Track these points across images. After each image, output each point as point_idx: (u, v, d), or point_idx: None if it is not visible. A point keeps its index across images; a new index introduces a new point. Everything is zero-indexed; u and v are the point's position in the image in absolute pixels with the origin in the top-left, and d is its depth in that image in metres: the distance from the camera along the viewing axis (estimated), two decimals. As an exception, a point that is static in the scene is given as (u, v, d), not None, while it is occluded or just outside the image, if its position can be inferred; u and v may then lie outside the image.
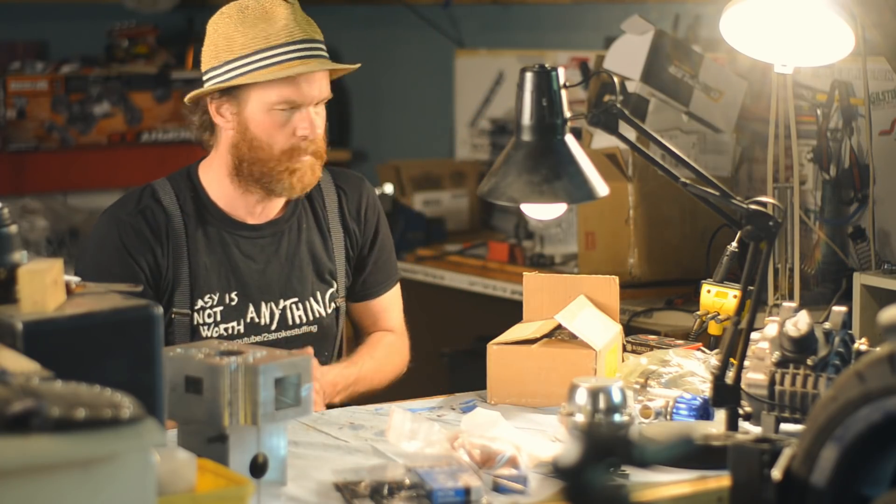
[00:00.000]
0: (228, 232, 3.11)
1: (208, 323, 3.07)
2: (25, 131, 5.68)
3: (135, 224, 3.05)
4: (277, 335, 3.11)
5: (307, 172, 3.04)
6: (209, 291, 3.07)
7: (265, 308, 3.11)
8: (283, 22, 2.99)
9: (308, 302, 3.15)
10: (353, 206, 3.24)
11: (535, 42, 5.99)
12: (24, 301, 2.11)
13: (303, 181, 3.05)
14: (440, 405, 2.97)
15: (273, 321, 3.12)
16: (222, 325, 3.08)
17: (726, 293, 2.91)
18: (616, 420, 2.53)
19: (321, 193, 3.21)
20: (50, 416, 1.69)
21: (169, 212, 3.07)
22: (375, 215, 3.28)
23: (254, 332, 3.10)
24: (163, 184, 3.12)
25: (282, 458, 2.38)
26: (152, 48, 6.15)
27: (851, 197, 4.19)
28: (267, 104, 3.00)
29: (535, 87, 2.53)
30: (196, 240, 3.08)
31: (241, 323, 3.09)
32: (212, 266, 3.08)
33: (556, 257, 4.90)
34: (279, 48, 2.98)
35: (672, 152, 2.59)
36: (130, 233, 3.04)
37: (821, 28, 2.95)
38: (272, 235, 3.14)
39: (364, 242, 3.25)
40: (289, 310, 3.14)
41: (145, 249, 3.03)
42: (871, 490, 1.99)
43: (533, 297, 3.14)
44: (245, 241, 3.12)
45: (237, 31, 3.00)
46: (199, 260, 3.08)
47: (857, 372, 1.96)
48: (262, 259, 3.12)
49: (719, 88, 4.36)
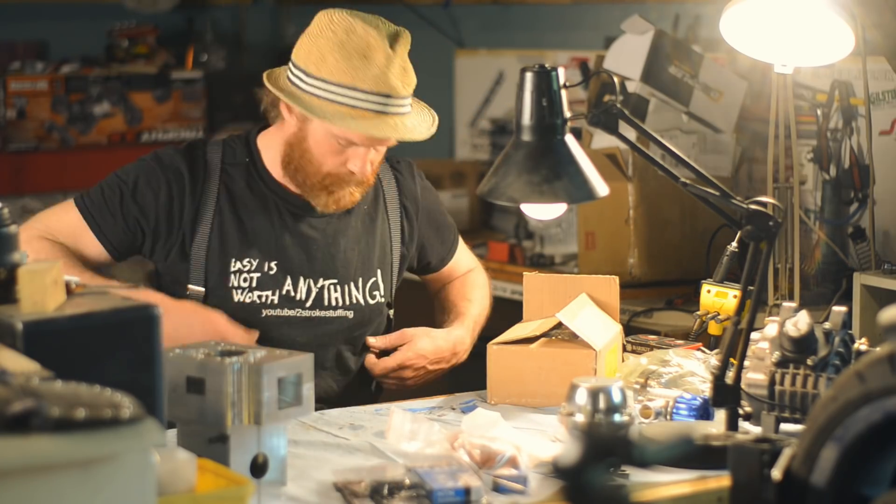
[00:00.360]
0: (278, 203, 3.12)
1: (243, 287, 3.06)
2: (25, 131, 5.68)
3: (172, 160, 3.10)
4: (312, 313, 3.10)
5: (345, 196, 3.07)
6: (248, 256, 3.08)
7: (303, 283, 3.10)
8: (376, 70, 2.93)
9: (347, 286, 3.14)
10: (408, 187, 3.26)
11: (535, 42, 5.99)
12: (24, 301, 2.11)
13: (339, 203, 3.07)
14: (440, 405, 2.97)
15: (309, 298, 3.11)
16: (256, 292, 3.07)
17: (726, 293, 2.91)
18: (616, 420, 2.53)
19: (380, 179, 3.22)
20: (50, 416, 1.69)
21: (210, 166, 3.10)
22: (430, 194, 3.33)
23: (287, 306, 3.09)
24: (216, 142, 3.17)
25: (282, 458, 2.39)
26: (152, 48, 6.14)
27: (851, 197, 4.19)
28: (329, 132, 2.99)
29: (535, 87, 2.53)
30: (242, 202, 3.10)
31: (277, 294, 3.08)
32: (257, 231, 3.09)
33: (556, 257, 4.90)
34: (361, 93, 2.93)
35: (672, 152, 2.59)
36: (163, 163, 3.09)
37: (821, 28, 2.95)
38: (322, 215, 3.13)
39: (422, 221, 3.28)
40: (326, 290, 3.12)
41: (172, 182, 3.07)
42: (871, 490, 1.99)
43: (533, 297, 3.14)
44: (293, 215, 3.12)
45: (332, 55, 2.94)
46: (242, 222, 3.09)
47: (857, 372, 1.96)
48: (308, 235, 3.12)
49: (719, 88, 4.36)
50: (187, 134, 5.99)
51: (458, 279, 3.40)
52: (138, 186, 3.08)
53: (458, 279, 3.40)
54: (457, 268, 3.41)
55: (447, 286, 3.39)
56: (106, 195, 3.09)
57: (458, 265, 3.41)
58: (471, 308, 3.29)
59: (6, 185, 5.52)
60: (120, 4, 6.09)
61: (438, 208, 3.36)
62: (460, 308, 3.29)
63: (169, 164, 3.10)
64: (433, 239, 3.32)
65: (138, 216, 3.08)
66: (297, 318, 3.08)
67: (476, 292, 3.35)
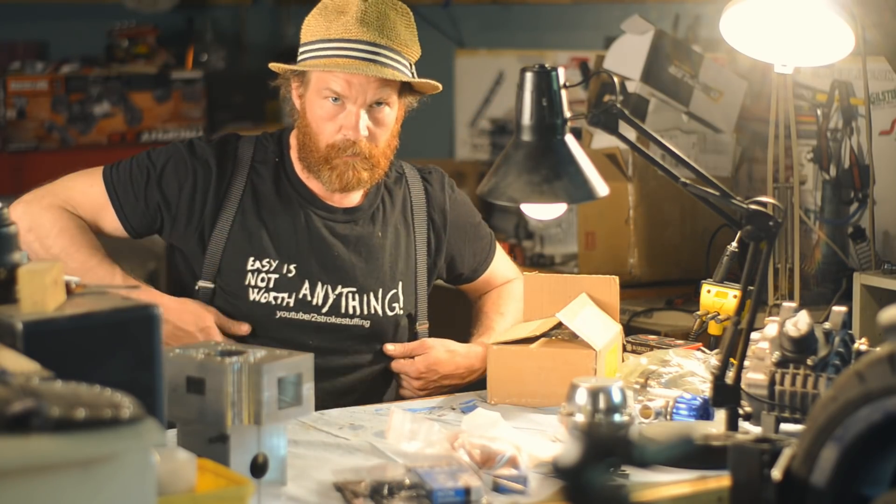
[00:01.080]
0: (304, 205, 3.13)
1: (259, 287, 3.07)
2: (25, 131, 5.68)
3: (203, 151, 3.12)
4: (327, 319, 3.09)
5: (347, 171, 3.05)
6: (267, 256, 3.08)
7: (320, 289, 3.10)
8: (347, 18, 3.00)
9: (367, 295, 3.13)
10: (437, 198, 3.25)
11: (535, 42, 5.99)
12: (24, 301, 2.11)
13: (342, 178, 3.05)
14: (440, 405, 2.97)
15: (326, 304, 3.10)
16: (272, 293, 3.07)
17: (726, 293, 2.91)
18: (616, 420, 2.53)
19: (409, 189, 3.23)
20: (50, 416, 1.69)
21: (240, 162, 3.12)
22: (461, 206, 3.30)
23: (303, 310, 3.08)
24: (248, 138, 3.18)
25: (282, 458, 2.39)
26: (152, 48, 6.15)
27: (851, 197, 4.19)
28: (318, 91, 3.03)
29: (535, 87, 2.53)
30: (268, 201, 3.11)
31: (293, 297, 3.08)
32: (279, 232, 3.09)
33: (556, 257, 4.90)
34: (334, 42, 3.00)
35: (672, 152, 2.59)
36: (195, 153, 3.11)
37: (821, 28, 2.95)
38: (346, 222, 3.14)
39: (452, 233, 3.26)
40: (344, 297, 3.12)
41: (199, 174, 3.09)
42: (871, 490, 1.99)
43: (533, 296, 3.14)
44: (318, 218, 3.12)
45: (314, 18, 3.06)
46: (265, 221, 3.09)
47: (857, 372, 1.96)
48: (331, 241, 3.11)
49: (719, 88, 4.36)
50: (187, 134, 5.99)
51: (496, 290, 3.36)
52: (165, 173, 3.10)
53: (495, 290, 3.36)
54: (493, 278, 3.37)
55: (483, 297, 3.37)
56: (133, 175, 3.11)
57: (495, 275, 3.37)
58: (500, 322, 3.26)
59: (6, 185, 5.52)
60: (120, 4, 6.09)
61: (471, 220, 3.32)
62: (490, 322, 3.27)
63: (200, 155, 3.11)
64: (464, 250, 3.30)
65: (160, 202, 3.09)
66: (312, 323, 3.08)
67: (510, 305, 3.31)
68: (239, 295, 3.06)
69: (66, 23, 6.17)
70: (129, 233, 3.13)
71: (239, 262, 3.07)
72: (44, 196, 3.10)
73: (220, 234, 3.08)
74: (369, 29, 2.99)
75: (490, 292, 3.36)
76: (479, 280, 3.36)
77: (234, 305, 3.05)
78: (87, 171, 3.15)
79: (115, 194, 3.10)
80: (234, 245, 3.07)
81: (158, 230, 3.14)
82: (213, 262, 3.07)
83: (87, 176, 3.14)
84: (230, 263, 3.07)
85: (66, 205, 3.09)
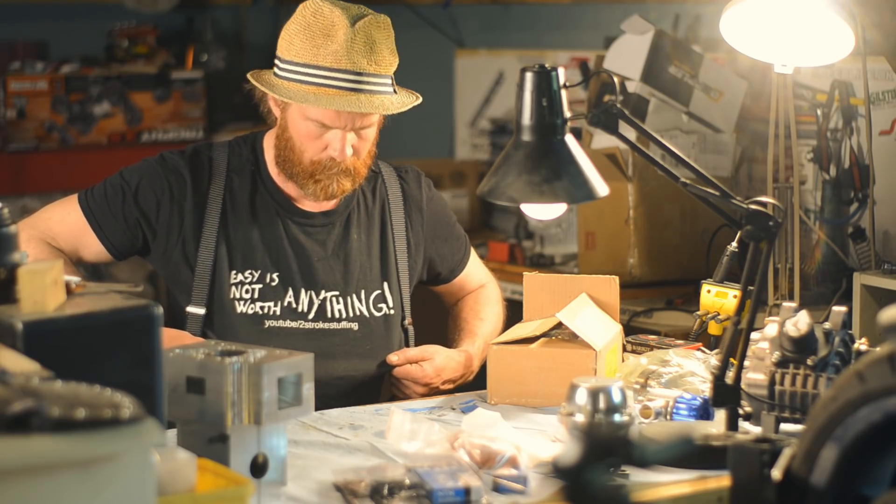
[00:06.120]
0: (281, 212, 3.12)
1: (245, 299, 3.06)
2: (25, 131, 5.68)
3: (176, 163, 3.10)
4: (315, 325, 3.10)
5: (332, 184, 3.05)
6: (251, 267, 3.07)
7: (304, 295, 3.10)
8: (336, 46, 2.95)
9: (350, 298, 3.13)
10: (413, 197, 3.25)
11: (535, 42, 5.99)
12: (24, 301, 2.11)
13: (327, 191, 3.05)
14: (440, 405, 2.97)
15: (311, 310, 3.10)
16: (258, 303, 3.07)
17: (726, 293, 2.91)
18: (616, 420, 2.53)
19: (385, 188, 3.22)
20: (50, 416, 1.69)
21: (215, 170, 3.11)
22: (438, 204, 3.31)
23: (290, 317, 3.08)
24: (221, 144, 3.16)
25: (282, 458, 2.38)
26: (152, 48, 6.15)
27: (851, 197, 4.19)
28: (303, 115, 3.01)
29: (535, 87, 2.53)
30: (245, 210, 3.10)
31: (279, 305, 3.08)
32: (258, 242, 3.09)
33: (556, 257, 4.90)
34: (322, 70, 2.96)
35: (672, 152, 2.59)
36: (167, 166, 3.09)
37: (821, 28, 2.95)
38: (323, 226, 3.14)
39: (428, 232, 3.26)
40: (328, 302, 3.12)
41: (174, 186, 3.07)
42: (871, 490, 1.99)
43: (533, 297, 3.14)
44: (296, 225, 3.12)
45: (298, 36, 2.99)
46: (244, 231, 3.08)
47: (857, 372, 1.96)
48: (309, 246, 3.12)
49: (719, 88, 4.36)
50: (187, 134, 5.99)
51: (472, 295, 3.37)
52: (140, 188, 3.08)
53: (471, 295, 3.37)
54: (469, 280, 3.38)
55: (460, 302, 3.37)
56: (108, 195, 3.10)
57: (470, 277, 3.38)
58: (482, 327, 3.27)
59: (6, 185, 5.52)
60: (120, 4, 6.09)
61: (447, 219, 3.33)
62: (472, 327, 3.28)
63: (172, 168, 3.10)
64: (442, 250, 3.30)
65: (139, 218, 3.08)
66: (301, 330, 3.07)
67: (488, 309, 3.33)
68: (226, 310, 3.05)
69: (66, 23, 6.17)
70: (113, 254, 3.11)
71: (223, 276, 3.06)
72: (23, 230, 3.07)
73: (206, 252, 3.06)
74: (359, 58, 2.95)
75: (466, 298, 3.37)
76: (455, 282, 3.36)
77: (222, 321, 3.05)
78: (63, 200, 3.15)
79: (94, 217, 3.09)
80: (220, 260, 3.07)
81: (141, 250, 3.12)
82: (203, 283, 3.05)
83: (63, 204, 3.14)
84: (217, 279, 3.06)
85: (44, 237, 3.08)
